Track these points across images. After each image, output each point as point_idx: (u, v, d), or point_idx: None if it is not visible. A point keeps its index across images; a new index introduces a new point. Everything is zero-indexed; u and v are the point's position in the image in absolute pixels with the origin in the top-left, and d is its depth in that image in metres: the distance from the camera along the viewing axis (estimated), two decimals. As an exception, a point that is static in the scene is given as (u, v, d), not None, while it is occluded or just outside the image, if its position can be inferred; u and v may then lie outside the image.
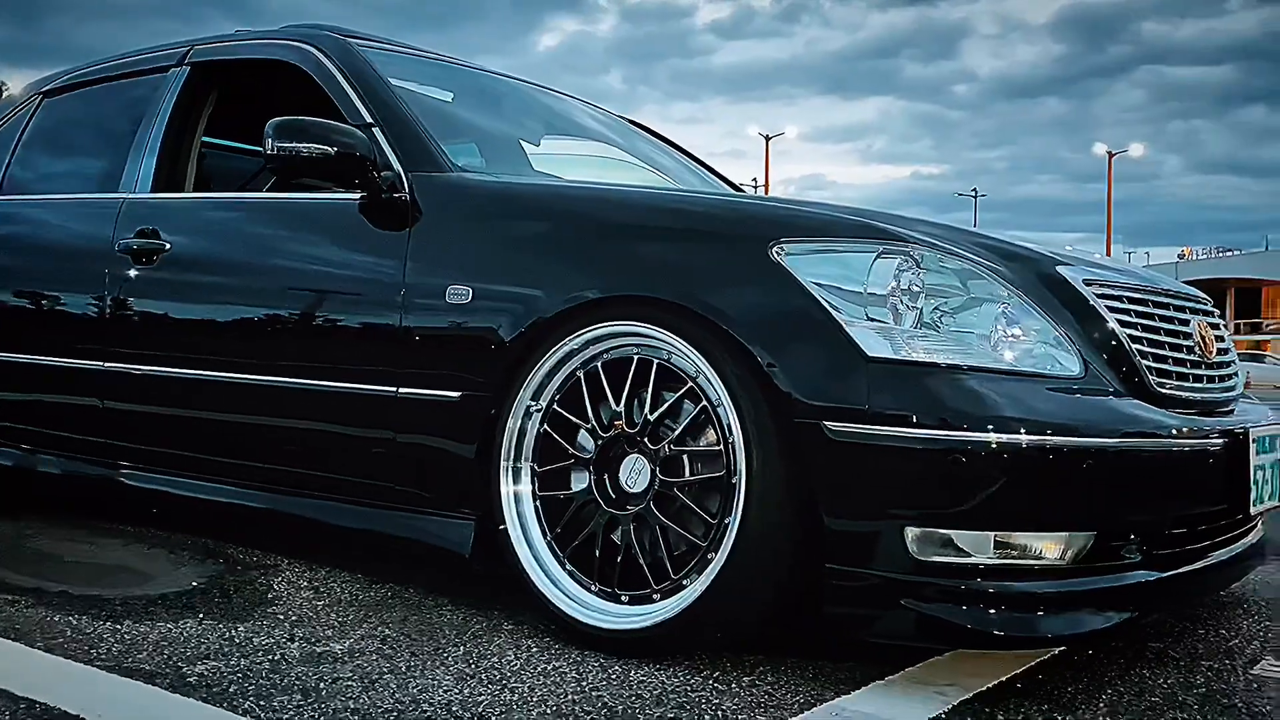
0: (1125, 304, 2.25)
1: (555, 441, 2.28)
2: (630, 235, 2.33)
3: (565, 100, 3.99)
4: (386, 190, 2.59)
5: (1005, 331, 2.07)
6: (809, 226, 2.18)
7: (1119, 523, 2.03)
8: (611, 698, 1.92)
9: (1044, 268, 2.22)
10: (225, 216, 3.11)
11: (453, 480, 2.42)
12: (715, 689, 1.99)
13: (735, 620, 2.10)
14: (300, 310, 2.74)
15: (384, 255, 2.55)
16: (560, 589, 2.24)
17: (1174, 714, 1.95)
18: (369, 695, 1.89)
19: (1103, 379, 2.11)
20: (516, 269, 2.40)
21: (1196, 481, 2.18)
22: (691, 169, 4.12)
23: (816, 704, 1.93)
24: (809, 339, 2.04)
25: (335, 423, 2.65)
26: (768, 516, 2.02)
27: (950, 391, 1.96)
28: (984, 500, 1.91)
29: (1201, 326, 2.46)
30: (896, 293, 2.05)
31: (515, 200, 2.58)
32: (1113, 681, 2.13)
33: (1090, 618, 2.01)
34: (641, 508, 2.17)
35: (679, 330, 2.14)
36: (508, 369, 2.31)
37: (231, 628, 2.26)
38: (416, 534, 2.49)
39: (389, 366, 2.49)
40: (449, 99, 3.46)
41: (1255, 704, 2.02)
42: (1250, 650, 2.40)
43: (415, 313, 2.46)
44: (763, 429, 2.04)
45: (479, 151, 3.35)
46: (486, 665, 2.07)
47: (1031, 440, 1.91)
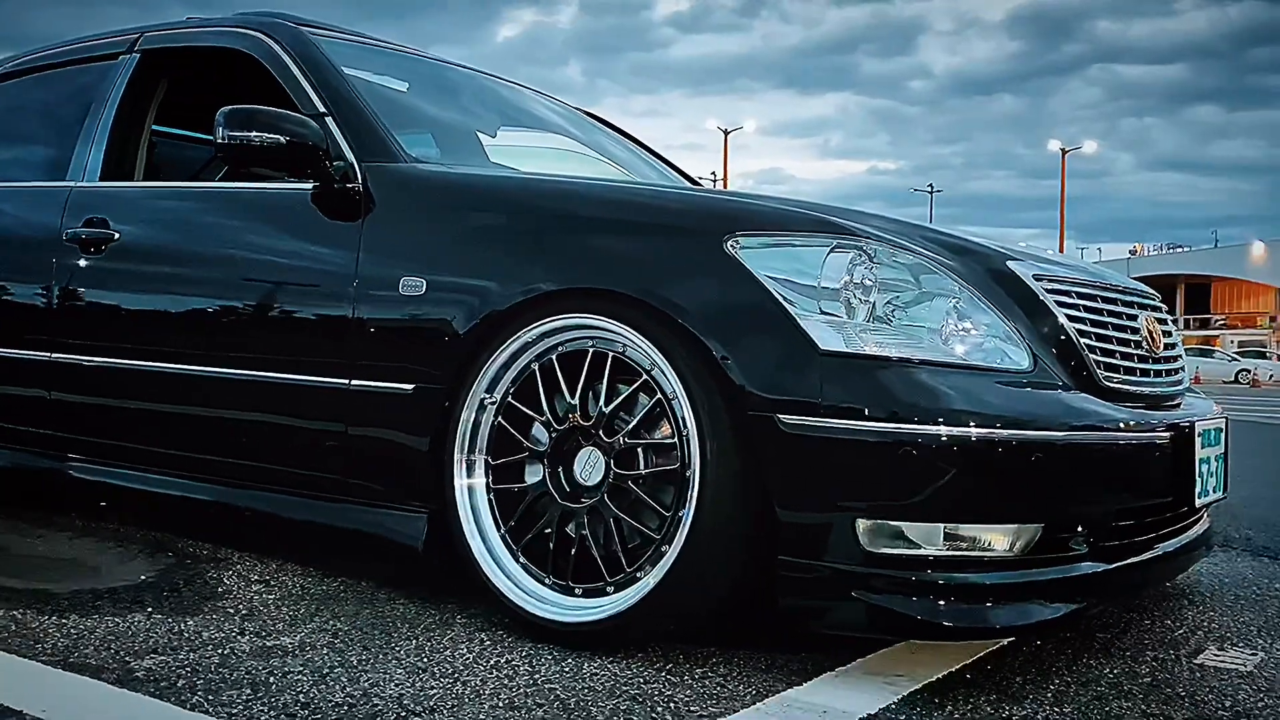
0: (1074, 299, 2.27)
1: (509, 434, 2.28)
2: (585, 228, 2.32)
3: (522, 92, 3.98)
4: (339, 180, 2.57)
5: (956, 326, 2.09)
6: (764, 220, 2.19)
7: (1066, 515, 2.06)
8: (564, 690, 1.91)
9: (994, 263, 2.24)
10: (175, 206, 3.07)
11: (406, 473, 2.40)
12: (668, 681, 1.99)
13: (689, 612, 2.11)
14: (251, 301, 2.72)
15: (337, 246, 2.53)
16: (514, 582, 2.23)
17: (1119, 703, 1.98)
18: (319, 689, 1.87)
19: (1051, 373, 2.13)
20: (471, 261, 2.38)
21: (1142, 474, 2.21)
22: (649, 162, 4.12)
23: (768, 695, 1.94)
24: (763, 332, 2.05)
25: (286, 415, 2.63)
26: (721, 509, 2.03)
27: (901, 385, 1.97)
28: (934, 492, 1.93)
29: (1149, 321, 2.50)
30: (849, 287, 2.06)
31: (470, 191, 2.56)
32: (1060, 671, 2.16)
33: (1038, 608, 2.03)
34: (596, 500, 2.17)
35: (634, 323, 2.14)
36: (462, 361, 2.30)
37: (180, 621, 2.24)
38: (369, 527, 2.47)
39: (341, 358, 2.48)
40: (404, 89, 3.43)
41: (1198, 693, 2.06)
42: (1195, 640, 2.44)
43: (368, 304, 2.44)
44: (717, 422, 2.04)
45: (435, 142, 3.33)
46: (439, 659, 2.06)
47: (980, 433, 1.93)
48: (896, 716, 1.86)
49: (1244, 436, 9.44)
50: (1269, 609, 2.78)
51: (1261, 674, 2.20)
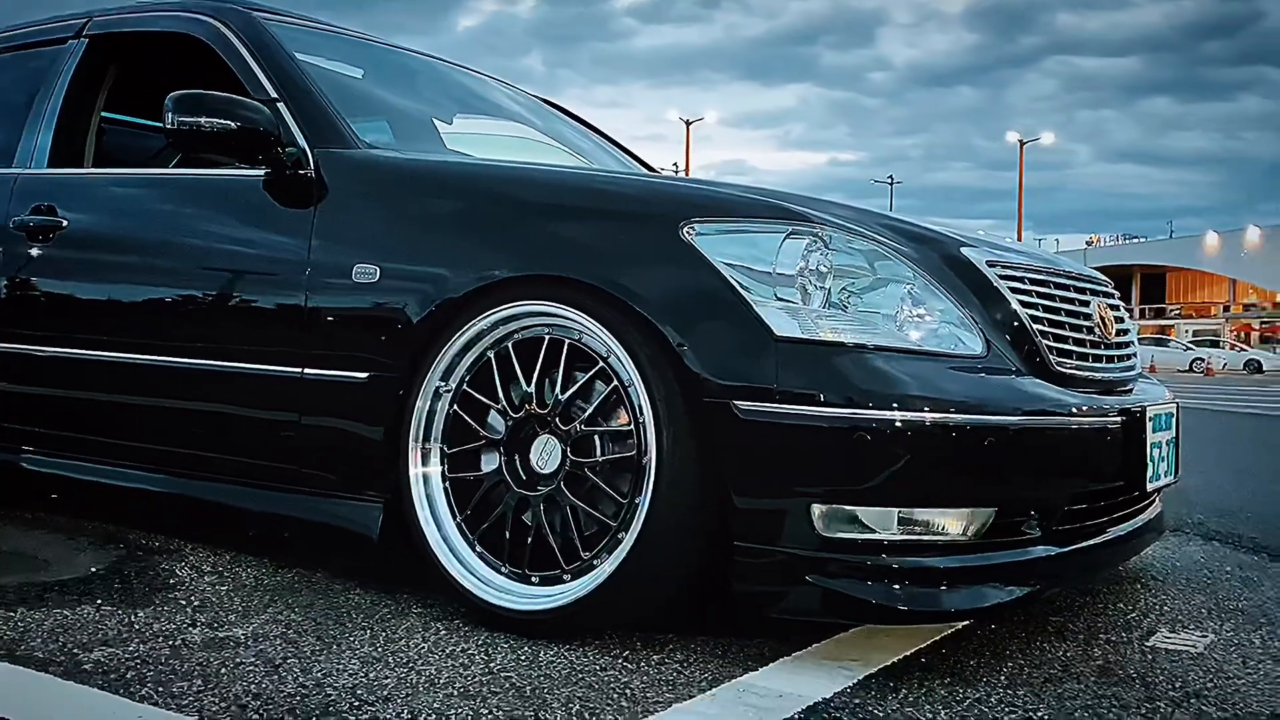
0: (1027, 285, 2.29)
1: (465, 422, 2.26)
2: (541, 214, 2.31)
3: (481, 79, 3.95)
4: (291, 166, 2.54)
5: (911, 311, 2.10)
6: (719, 207, 2.19)
7: (1019, 499, 2.08)
8: (520, 678, 1.91)
9: (948, 249, 2.25)
10: (125, 193, 3.03)
11: (360, 462, 2.38)
12: (625, 668, 1.99)
13: (646, 599, 2.11)
14: (203, 289, 2.68)
15: (289, 233, 2.50)
16: (470, 571, 2.22)
17: (1071, 685, 2.00)
18: (271, 679, 1.85)
19: (1004, 358, 2.15)
20: (425, 248, 2.36)
21: (1094, 459, 2.23)
22: (609, 151, 4.10)
23: (724, 681, 1.94)
24: (719, 319, 2.05)
25: (239, 405, 2.59)
26: (678, 496, 2.03)
27: (856, 370, 1.98)
28: (888, 477, 1.94)
29: (1101, 307, 2.52)
30: (805, 273, 2.07)
31: (424, 178, 2.54)
32: (1014, 655, 2.17)
33: (992, 592, 2.05)
34: (552, 488, 2.16)
35: (590, 310, 2.13)
36: (416, 349, 2.28)
37: (131, 613, 2.21)
38: (324, 517, 2.45)
39: (294, 347, 2.45)
40: (359, 75, 3.40)
41: (1149, 675, 2.08)
42: (1146, 623, 2.47)
43: (321, 292, 2.42)
44: (673, 409, 2.04)
45: (390, 129, 3.30)
46: (393, 648, 2.05)
47: (934, 418, 1.94)
48: (851, 701, 1.87)
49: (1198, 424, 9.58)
50: (1220, 592, 2.82)
51: (1211, 656, 2.23)
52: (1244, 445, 7.94)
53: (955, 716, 1.81)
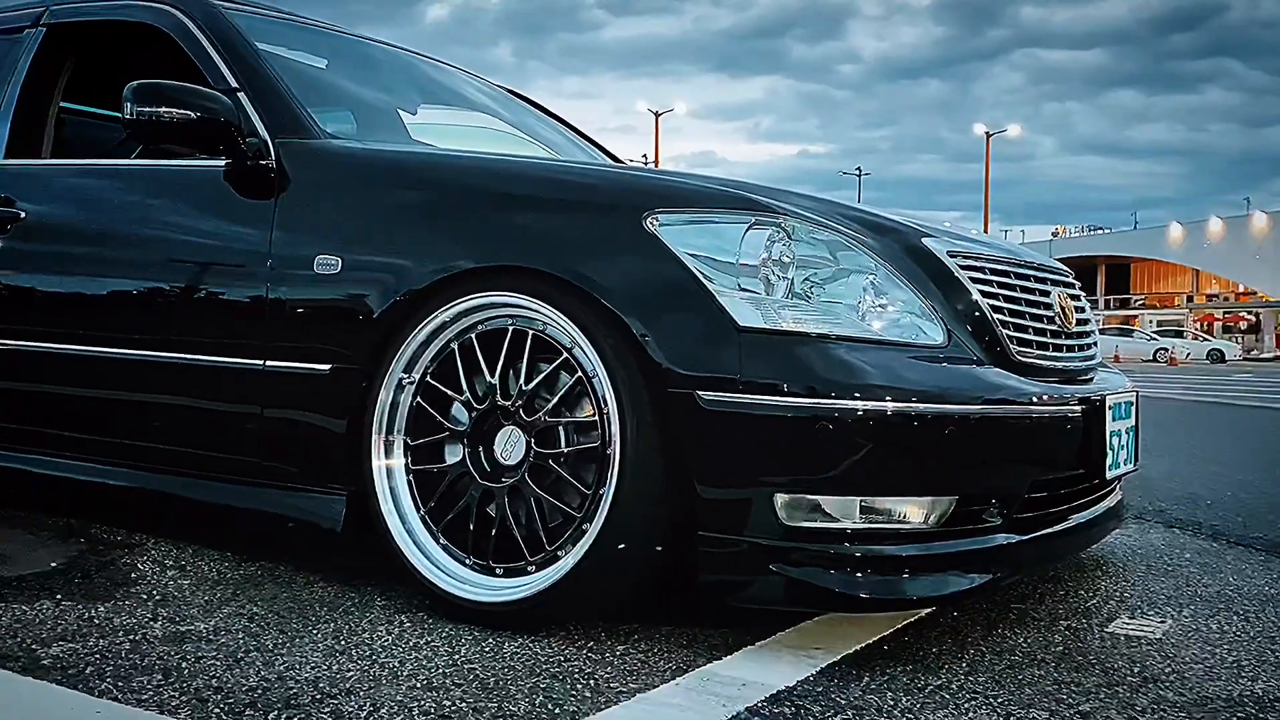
0: (988, 275, 2.30)
1: (429, 414, 2.25)
2: (504, 205, 2.30)
3: (447, 70, 3.93)
4: (252, 157, 2.51)
5: (873, 302, 2.11)
6: (683, 197, 2.19)
7: (980, 487, 2.09)
8: (483, 670, 1.90)
9: (910, 240, 2.27)
10: (84, 184, 2.99)
11: (323, 455, 2.37)
12: (589, 658, 1.99)
13: (610, 590, 2.11)
14: (163, 281, 2.65)
15: (250, 224, 2.48)
16: (434, 563, 2.21)
17: (1032, 671, 2.02)
18: (233, 673, 1.84)
19: (965, 348, 2.16)
20: (388, 238, 2.35)
21: (1054, 447, 2.25)
22: (575, 143, 4.09)
23: (689, 670, 1.95)
24: (682, 309, 2.05)
25: (201, 397, 2.57)
26: (642, 486, 2.03)
27: (819, 360, 1.99)
28: (850, 466, 1.95)
29: (1062, 297, 2.54)
30: (768, 263, 2.07)
31: (387, 168, 2.52)
32: (975, 642, 2.19)
33: (954, 579, 2.06)
34: (516, 479, 2.16)
35: (554, 301, 2.13)
36: (379, 341, 2.27)
37: (91, 608, 2.19)
38: (287, 510, 2.43)
39: (256, 339, 2.43)
40: (323, 65, 3.37)
41: (1109, 660, 2.11)
42: (1107, 609, 2.50)
43: (282, 283, 2.40)
44: (637, 399, 2.04)
45: (354, 119, 3.28)
46: (356, 641, 2.04)
47: (896, 407, 1.95)
48: (814, 689, 1.88)
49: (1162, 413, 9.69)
50: (1179, 578, 2.85)
51: (1169, 641, 2.26)
52: (1206, 433, 8.04)
53: (917, 703, 1.83)
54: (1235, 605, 2.58)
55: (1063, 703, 1.86)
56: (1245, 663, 2.13)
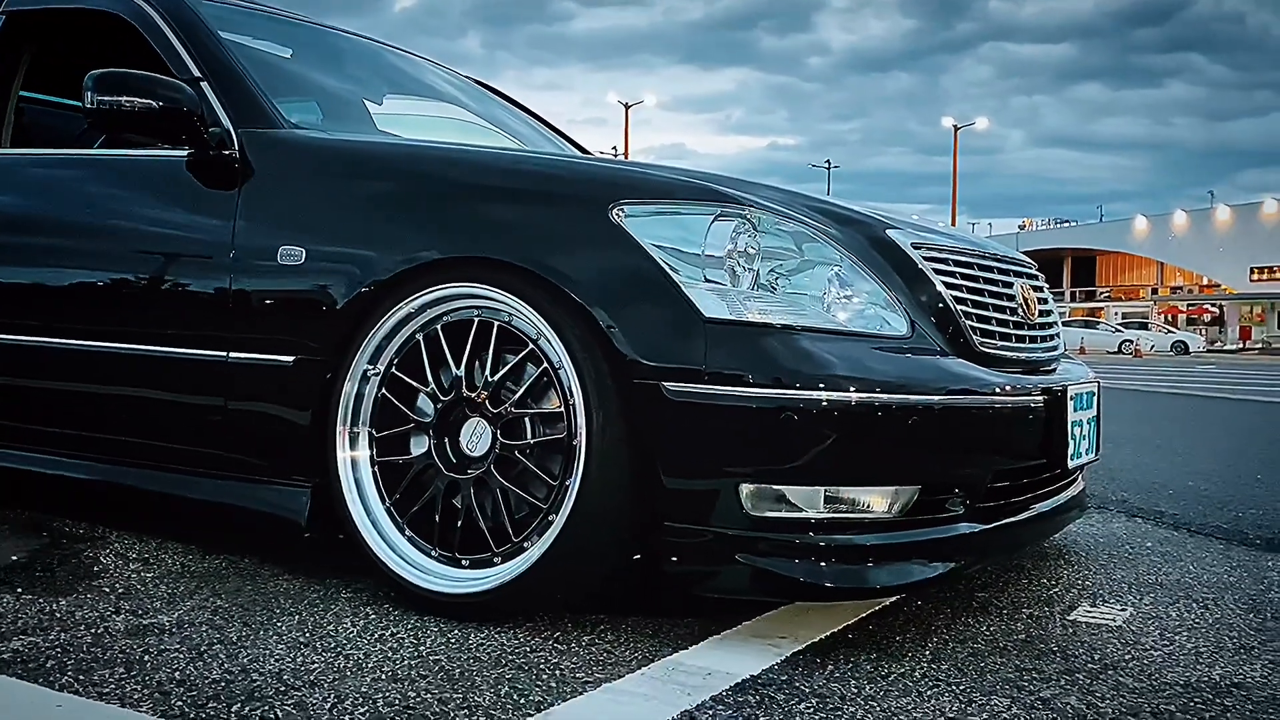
0: (951, 267, 2.32)
1: (394, 406, 2.24)
2: (470, 196, 2.29)
3: (414, 60, 3.91)
4: (215, 147, 2.49)
5: (837, 293, 2.12)
6: (649, 189, 2.19)
7: (943, 477, 2.11)
8: (449, 661, 1.90)
9: (875, 231, 2.28)
10: (44, 174, 2.95)
11: (287, 447, 2.36)
12: (555, 649, 1.99)
13: (576, 580, 2.11)
14: (125, 272, 2.63)
15: (213, 214, 2.46)
16: (399, 555, 2.21)
17: (994, 659, 2.04)
18: (196, 665, 1.83)
19: (929, 339, 2.18)
20: (352, 229, 2.34)
21: (1016, 437, 2.28)
22: (542, 134, 4.08)
23: (654, 660, 1.95)
24: (648, 301, 2.05)
25: (164, 389, 2.55)
26: (608, 477, 2.03)
27: (784, 351, 2.00)
28: (815, 456, 1.96)
29: (1024, 289, 2.56)
30: (734, 255, 2.08)
31: (351, 158, 2.51)
32: (939, 630, 2.21)
33: (917, 568, 2.08)
34: (482, 471, 2.16)
35: (519, 292, 2.13)
36: (344, 332, 2.26)
37: (53, 602, 2.17)
38: (251, 503, 2.42)
39: (219, 330, 2.41)
40: (288, 55, 3.35)
41: (1069, 648, 2.13)
42: (1069, 598, 2.53)
43: (246, 274, 2.38)
44: (603, 390, 2.04)
45: (320, 109, 3.26)
46: (321, 633, 2.03)
47: (860, 398, 1.96)
48: (778, 677, 1.89)
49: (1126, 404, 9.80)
50: (1140, 566, 2.89)
51: (1129, 628, 2.29)
52: (1169, 424, 8.13)
53: (880, 691, 1.84)
54: (1194, 593, 2.62)
55: (1023, 689, 1.88)
56: (1203, 649, 2.16)
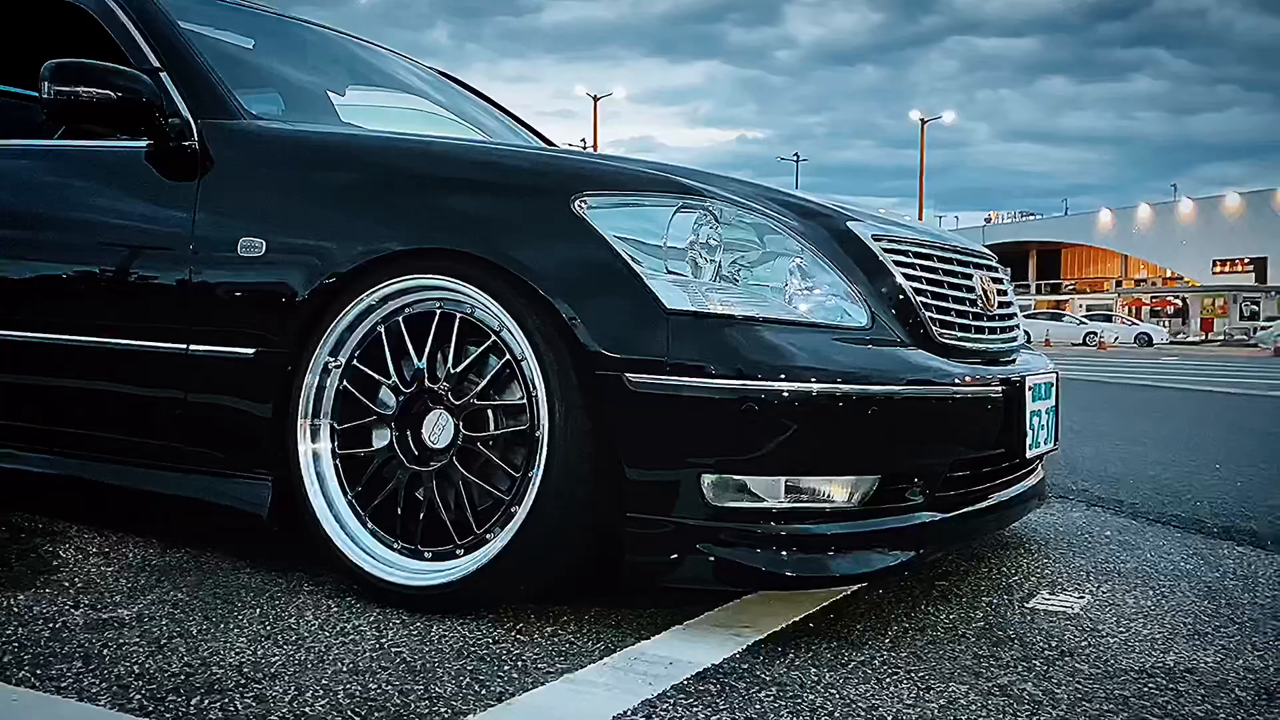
0: (911, 258, 2.34)
1: (355, 398, 2.24)
2: (432, 187, 2.29)
3: (379, 52, 3.89)
4: (174, 138, 2.47)
5: (799, 285, 2.13)
6: (611, 180, 2.19)
7: (902, 466, 2.13)
8: (411, 653, 1.90)
9: (836, 224, 2.29)
10: (2, 165, 2.91)
11: (249, 440, 2.34)
12: (517, 640, 2.00)
13: (539, 572, 2.11)
14: (83, 264, 2.60)
15: (172, 206, 2.44)
16: (361, 547, 2.20)
17: (953, 646, 2.06)
18: (156, 659, 1.82)
19: (889, 330, 2.20)
20: (313, 220, 2.33)
21: (975, 427, 2.30)
22: (509, 126, 4.08)
23: (617, 650, 1.96)
24: (611, 292, 2.06)
25: (124, 382, 2.53)
26: (570, 468, 2.03)
27: (746, 342, 2.00)
28: (776, 446, 1.97)
29: (984, 280, 2.59)
30: (695, 246, 2.08)
31: (312, 149, 2.49)
32: (899, 618, 2.23)
33: (878, 557, 2.09)
34: (445, 463, 2.16)
35: (482, 284, 2.13)
36: (305, 324, 2.25)
37: (10, 597, 2.15)
38: (213, 496, 2.40)
39: (179, 323, 2.40)
40: (249, 46, 3.32)
41: (1027, 635, 2.16)
42: (1028, 586, 2.56)
43: (205, 266, 2.37)
44: (565, 382, 2.04)
45: (282, 101, 3.24)
46: (283, 626, 2.03)
47: (821, 388, 1.98)
48: (739, 666, 1.90)
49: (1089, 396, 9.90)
50: (1098, 555, 2.93)
51: (1087, 615, 2.32)
52: (1131, 415, 8.22)
53: (840, 678, 1.86)
54: (1151, 580, 2.65)
55: (981, 676, 1.90)
56: (1158, 635, 2.19)
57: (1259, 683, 1.92)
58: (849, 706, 1.73)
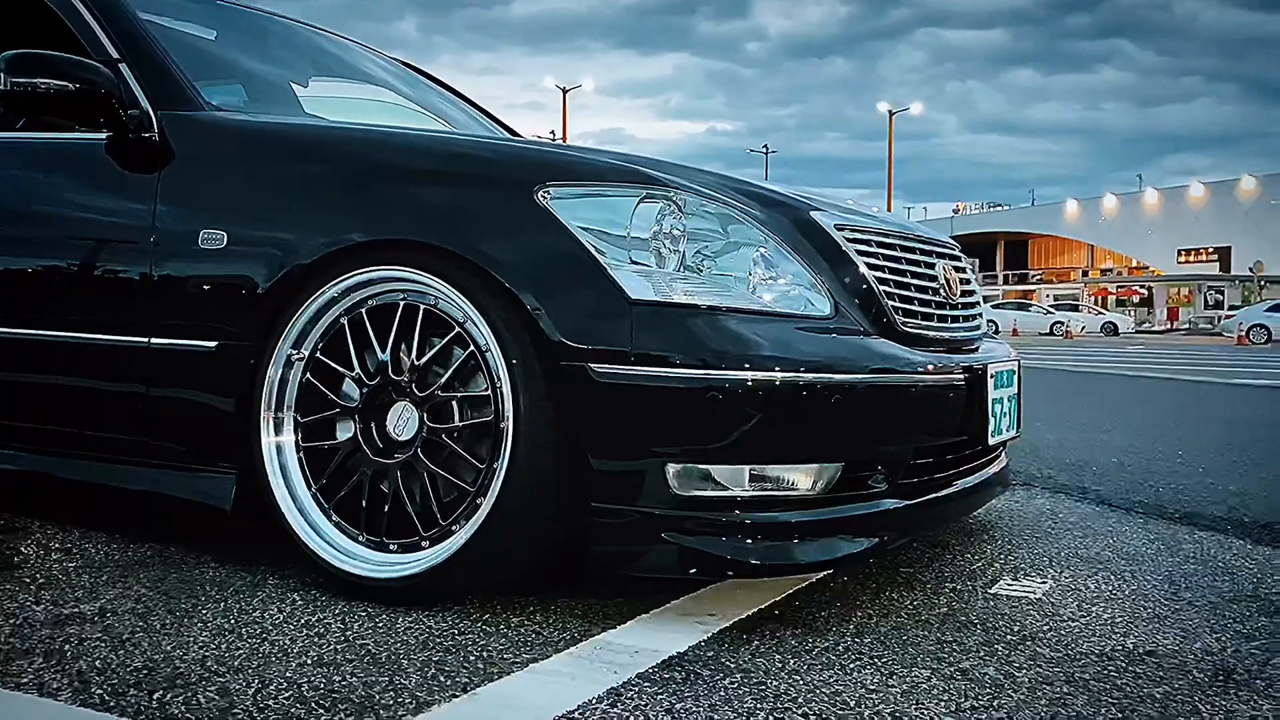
0: (874, 248, 2.35)
1: (319, 391, 2.23)
2: (395, 178, 2.27)
3: (343, 44, 3.87)
4: (134, 129, 2.45)
5: (762, 274, 2.14)
6: (574, 171, 2.19)
7: (866, 454, 2.14)
8: (376, 645, 1.90)
9: (799, 214, 2.30)
10: (-43, 158, 2.88)
11: (212, 434, 2.33)
12: (483, 631, 2.00)
13: (505, 563, 2.11)
14: (43, 257, 2.58)
15: (133, 198, 2.42)
16: (326, 540, 2.19)
17: (915, 632, 2.08)
18: (118, 654, 1.81)
19: (852, 319, 2.21)
20: (275, 212, 2.31)
21: (937, 414, 2.32)
22: (475, 118, 4.07)
23: (583, 639, 1.97)
24: (574, 283, 2.06)
25: (85, 377, 2.51)
26: (536, 459, 2.04)
27: (710, 332, 2.01)
28: (740, 435, 1.98)
29: (946, 270, 2.60)
30: (659, 236, 2.09)
31: (274, 141, 2.48)
32: (863, 605, 2.25)
33: (842, 544, 2.11)
34: (409, 455, 2.15)
35: (445, 275, 2.12)
36: (267, 317, 2.24)
37: (-30, 594, 2.13)
38: (176, 490, 2.39)
39: (140, 316, 2.38)
40: (211, 37, 3.29)
41: (989, 620, 2.18)
42: (990, 572, 2.58)
43: (167, 259, 2.35)
44: (530, 373, 2.04)
45: (245, 92, 3.21)
46: (247, 620, 2.02)
47: (784, 377, 1.98)
48: (704, 654, 1.91)
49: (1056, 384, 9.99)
50: (1061, 541, 2.96)
51: (1048, 600, 2.35)
52: (1096, 403, 8.31)
53: (804, 665, 1.87)
54: (1113, 565, 2.69)
55: (944, 661, 1.92)
56: (1118, 619, 2.22)
57: (1216, 664, 1.95)
58: (812, 692, 1.74)
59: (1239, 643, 2.08)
